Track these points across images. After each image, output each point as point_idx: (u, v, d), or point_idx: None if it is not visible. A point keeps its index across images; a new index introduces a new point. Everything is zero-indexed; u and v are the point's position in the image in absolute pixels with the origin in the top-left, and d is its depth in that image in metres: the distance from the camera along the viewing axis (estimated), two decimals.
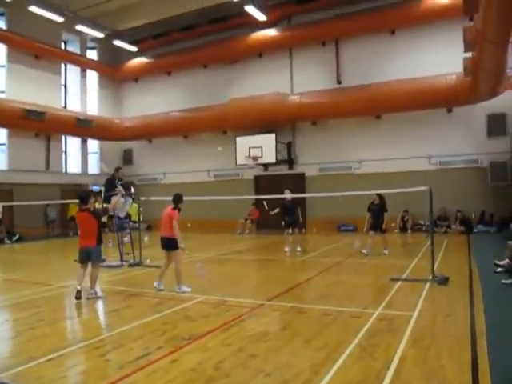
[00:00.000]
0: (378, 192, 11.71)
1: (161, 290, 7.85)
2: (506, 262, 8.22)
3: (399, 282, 7.99)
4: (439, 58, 17.07)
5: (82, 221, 7.68)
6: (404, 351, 4.53)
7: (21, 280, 9.47)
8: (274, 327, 5.63)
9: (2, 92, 19.60)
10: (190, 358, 4.54)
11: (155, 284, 7.96)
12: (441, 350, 4.57)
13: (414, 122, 18.00)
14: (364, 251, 11.50)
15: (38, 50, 20.57)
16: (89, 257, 7.56)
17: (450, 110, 17.50)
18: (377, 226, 11.62)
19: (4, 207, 17.55)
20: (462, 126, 17.39)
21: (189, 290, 7.75)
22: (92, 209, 7.77)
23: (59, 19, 18.33)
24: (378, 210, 11.61)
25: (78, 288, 7.35)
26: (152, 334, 5.39)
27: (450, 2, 16.45)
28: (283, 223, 12.93)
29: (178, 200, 8.21)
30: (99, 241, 7.66)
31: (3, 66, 19.86)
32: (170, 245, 7.95)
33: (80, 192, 8.28)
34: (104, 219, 13.36)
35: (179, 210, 8.09)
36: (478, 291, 7.14)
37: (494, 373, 3.92)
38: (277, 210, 12.95)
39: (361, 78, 18.38)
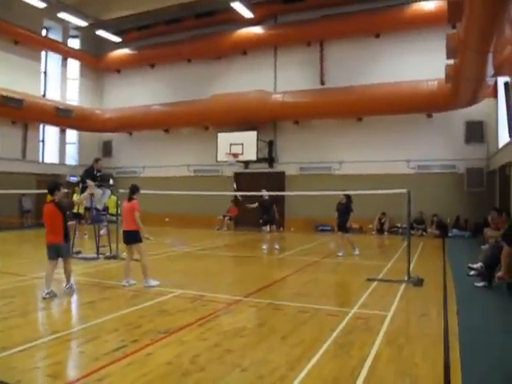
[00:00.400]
0: (347, 193, 11.83)
1: (132, 284, 7.69)
2: (479, 265, 8.37)
3: (375, 283, 8.09)
4: (422, 64, 17.32)
5: (47, 214, 6.98)
6: (379, 349, 4.59)
7: None
8: (250, 323, 5.63)
9: None
10: (166, 352, 4.51)
11: (124, 282, 7.71)
12: (415, 349, 4.64)
13: (394, 125, 18.24)
14: (339, 254, 11.52)
15: (18, 36, 20.07)
16: (58, 253, 7.05)
17: (429, 116, 17.78)
18: (341, 225, 11.69)
19: None
20: (441, 132, 17.70)
21: (156, 283, 7.67)
22: (57, 200, 7.04)
23: (41, 5, 18.03)
24: (343, 209, 11.68)
25: (46, 292, 6.74)
26: (127, 327, 5.34)
27: (435, 9, 16.72)
28: (261, 221, 13.11)
29: (134, 191, 7.94)
30: (66, 238, 7.12)
31: None
32: (132, 238, 7.76)
33: (49, 182, 7.78)
34: (81, 210, 13.14)
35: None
36: (451, 293, 7.28)
37: (465, 373, 4.00)
38: (255, 205, 13.18)
39: (344, 80, 18.54)
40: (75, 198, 13.22)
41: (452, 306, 6.42)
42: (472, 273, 8.52)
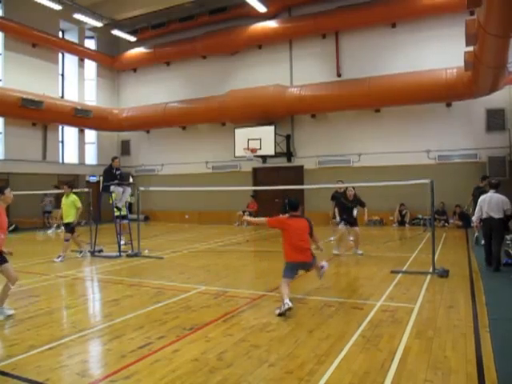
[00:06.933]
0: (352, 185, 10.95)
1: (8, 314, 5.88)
2: None
3: (399, 275, 7.99)
4: (440, 52, 17.01)
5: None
6: (408, 342, 4.51)
7: (18, 270, 9.33)
8: (275, 318, 5.57)
9: None
10: (193, 348, 4.50)
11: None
12: (444, 341, 4.54)
13: (413, 115, 17.96)
14: (359, 252, 10.69)
15: (35, 39, 20.32)
16: None
17: (449, 105, 17.46)
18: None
19: None
20: (461, 121, 17.37)
21: (11, 312, 5.92)
22: None
23: (57, 7, 18.18)
24: (352, 206, 10.69)
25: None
26: (153, 324, 5.35)
27: None
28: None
29: None
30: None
31: (0, 54, 19.64)
32: None
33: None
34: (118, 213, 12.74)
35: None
36: (478, 284, 7.14)
37: (499, 365, 3.89)
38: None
39: (361, 71, 18.30)
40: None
41: (480, 297, 6.29)
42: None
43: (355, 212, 10.59)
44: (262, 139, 18.98)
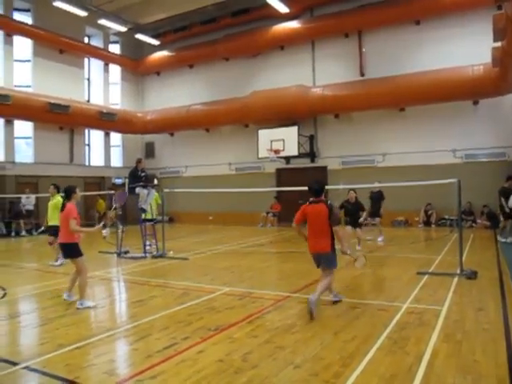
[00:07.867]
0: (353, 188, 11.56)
1: (72, 300, 6.63)
2: None
3: (426, 276, 7.85)
4: (465, 49, 16.67)
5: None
6: (435, 345, 4.42)
7: (47, 270, 9.60)
8: (300, 319, 5.55)
9: (28, 86, 19.90)
10: (218, 349, 4.51)
11: (65, 295, 6.78)
12: (474, 345, 4.44)
13: (438, 114, 17.64)
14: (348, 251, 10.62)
15: (63, 45, 20.83)
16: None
17: (476, 102, 17.10)
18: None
19: None
20: (489, 119, 16.99)
21: (92, 304, 6.48)
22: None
23: (83, 14, 18.55)
24: (353, 208, 11.27)
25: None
26: (178, 325, 5.39)
27: None
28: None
29: (69, 194, 6.71)
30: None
31: (29, 61, 20.17)
32: (68, 252, 6.73)
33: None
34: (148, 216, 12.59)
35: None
36: (508, 286, 6.97)
37: None
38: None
39: (384, 70, 18.08)
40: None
41: (510, 299, 6.14)
42: None
43: (362, 217, 11.37)
44: (285, 140, 18.96)
